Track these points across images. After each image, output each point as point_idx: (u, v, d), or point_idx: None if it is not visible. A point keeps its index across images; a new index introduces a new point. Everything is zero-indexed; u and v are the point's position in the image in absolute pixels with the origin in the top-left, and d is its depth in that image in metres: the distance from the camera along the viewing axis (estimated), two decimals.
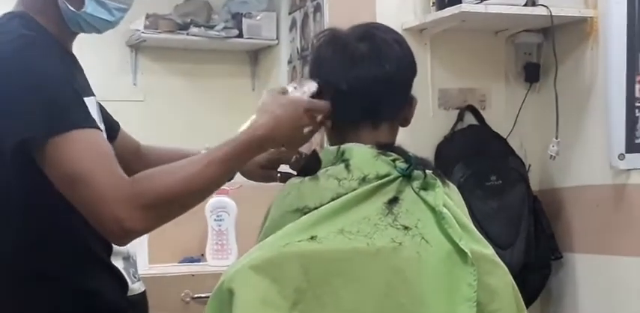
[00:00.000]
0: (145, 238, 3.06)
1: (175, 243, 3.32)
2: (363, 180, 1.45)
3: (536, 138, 3.05)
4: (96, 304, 1.53)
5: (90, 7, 1.56)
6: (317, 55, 1.58)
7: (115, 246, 1.57)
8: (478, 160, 2.90)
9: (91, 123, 1.43)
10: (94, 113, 1.55)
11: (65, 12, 1.56)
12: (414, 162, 1.47)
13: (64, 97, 1.42)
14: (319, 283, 1.37)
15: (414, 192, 1.46)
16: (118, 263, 1.59)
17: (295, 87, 1.53)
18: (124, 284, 1.59)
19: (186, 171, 1.42)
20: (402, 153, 1.50)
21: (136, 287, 1.64)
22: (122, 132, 1.85)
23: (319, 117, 1.52)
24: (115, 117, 1.84)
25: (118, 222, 1.38)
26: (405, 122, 1.58)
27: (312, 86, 1.52)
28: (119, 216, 1.37)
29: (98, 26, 1.60)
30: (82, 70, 1.65)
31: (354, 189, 1.44)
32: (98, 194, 1.37)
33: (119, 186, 1.38)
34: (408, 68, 1.57)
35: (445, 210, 1.44)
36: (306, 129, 1.50)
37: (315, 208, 1.43)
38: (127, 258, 1.63)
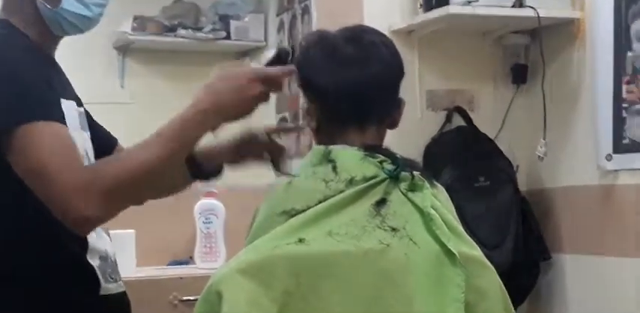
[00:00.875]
0: (132, 240, 3.05)
1: (163, 246, 3.31)
2: (350, 182, 1.45)
3: (524, 139, 3.05)
4: (61, 301, 1.54)
5: (66, 3, 1.56)
6: (305, 57, 1.58)
7: (91, 244, 1.58)
8: (466, 161, 2.90)
9: (57, 118, 1.45)
10: (73, 117, 1.56)
11: (44, 12, 1.56)
12: (401, 164, 1.47)
13: (35, 89, 1.45)
14: (307, 286, 1.37)
15: (402, 193, 1.46)
16: (94, 261, 1.59)
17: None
18: (95, 283, 1.58)
19: (138, 154, 1.44)
20: (389, 154, 1.50)
21: (111, 287, 1.63)
22: (120, 148, 1.82)
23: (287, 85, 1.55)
24: (102, 120, 1.83)
25: (78, 210, 1.39)
26: (393, 124, 1.58)
27: (269, 53, 1.52)
28: (78, 204, 1.39)
29: (79, 24, 1.60)
30: (62, 74, 1.66)
31: (342, 191, 1.44)
32: (58, 183, 1.39)
33: (77, 176, 1.40)
34: (395, 70, 1.57)
35: (433, 212, 1.44)
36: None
37: (303, 210, 1.43)
38: (105, 258, 1.63)
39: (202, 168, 1.73)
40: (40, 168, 1.41)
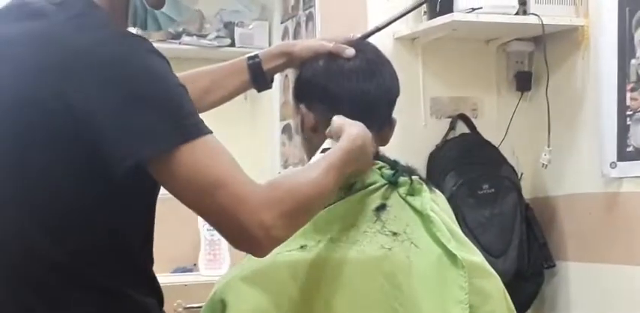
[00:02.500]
0: None
1: (168, 253, 3.31)
2: (350, 189, 1.47)
3: (528, 147, 3.05)
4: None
5: (167, 7, 1.48)
6: (310, 64, 1.59)
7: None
8: (470, 169, 2.90)
9: (208, 128, 1.32)
10: None
11: (136, 8, 1.46)
12: (399, 169, 1.48)
13: (184, 100, 1.31)
14: (311, 292, 1.38)
15: (401, 198, 1.47)
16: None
17: None
18: (162, 298, 1.54)
19: (311, 176, 1.35)
20: (387, 160, 1.52)
21: None
22: None
23: None
24: None
25: (265, 228, 1.26)
26: (384, 142, 1.59)
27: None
28: (266, 222, 1.26)
29: (163, 24, 1.51)
30: None
31: (342, 198, 1.45)
32: (241, 200, 1.26)
33: (259, 192, 1.28)
34: (395, 86, 1.59)
35: (432, 214, 1.45)
36: None
37: None
38: None
39: (266, 76, 1.71)
40: (219, 184, 1.26)
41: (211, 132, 1.30)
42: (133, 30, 1.45)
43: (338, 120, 1.46)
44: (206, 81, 1.77)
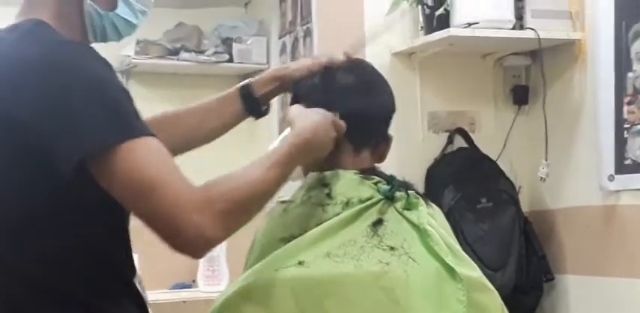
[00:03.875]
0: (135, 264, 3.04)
1: (166, 269, 3.31)
2: (347, 204, 1.47)
3: (525, 160, 3.06)
4: None
5: (120, 8, 1.50)
6: (305, 81, 1.61)
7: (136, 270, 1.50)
8: (468, 183, 2.91)
9: (152, 131, 1.35)
10: None
11: (91, 16, 1.48)
12: (395, 184, 1.49)
13: (125, 103, 1.35)
14: (309, 307, 1.38)
15: (398, 212, 1.47)
16: (138, 285, 1.52)
17: None
18: (145, 309, 1.54)
19: (251, 174, 1.36)
20: (383, 175, 1.53)
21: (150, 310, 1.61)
22: None
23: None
24: None
25: (200, 230, 1.27)
26: (381, 158, 1.60)
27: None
28: (200, 223, 1.27)
29: (122, 30, 1.53)
30: None
31: (338, 214, 1.46)
32: (175, 201, 1.27)
33: (194, 193, 1.29)
34: (390, 103, 1.61)
35: (429, 228, 1.46)
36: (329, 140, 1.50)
37: (300, 235, 1.44)
38: (140, 282, 1.60)
39: (259, 103, 1.72)
40: (154, 185, 1.27)
41: (154, 135, 1.33)
42: (95, 45, 1.49)
43: (293, 110, 1.50)
44: (200, 114, 1.79)
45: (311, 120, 1.47)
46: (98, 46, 1.53)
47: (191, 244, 1.31)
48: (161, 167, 1.30)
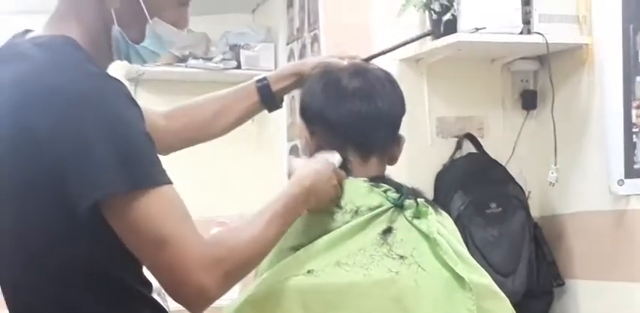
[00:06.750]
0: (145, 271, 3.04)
1: None
2: (356, 212, 1.47)
3: (535, 165, 3.05)
4: None
5: (149, 41, 1.47)
6: (310, 88, 1.60)
7: (154, 283, 1.47)
8: (478, 188, 2.90)
9: (169, 179, 1.32)
10: None
11: (118, 42, 1.45)
12: (405, 192, 1.48)
13: (147, 149, 1.32)
14: None
15: (407, 221, 1.47)
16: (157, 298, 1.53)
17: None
18: None
19: (252, 231, 1.37)
20: (393, 183, 1.52)
21: None
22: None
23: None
24: None
25: (203, 290, 1.30)
26: (393, 160, 1.59)
27: (336, 157, 1.53)
28: (205, 283, 1.29)
29: (147, 58, 1.51)
30: None
31: (348, 222, 1.45)
32: (185, 260, 1.28)
33: (205, 252, 1.30)
34: (398, 106, 1.59)
35: (439, 237, 1.45)
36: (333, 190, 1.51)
37: (310, 243, 1.44)
38: (159, 293, 1.60)
39: (275, 97, 1.75)
40: (166, 241, 1.28)
41: (171, 183, 1.32)
42: (120, 63, 1.50)
43: (296, 161, 1.51)
44: (216, 106, 1.80)
45: (311, 168, 1.48)
46: None
47: (192, 301, 1.34)
48: (173, 219, 1.30)
